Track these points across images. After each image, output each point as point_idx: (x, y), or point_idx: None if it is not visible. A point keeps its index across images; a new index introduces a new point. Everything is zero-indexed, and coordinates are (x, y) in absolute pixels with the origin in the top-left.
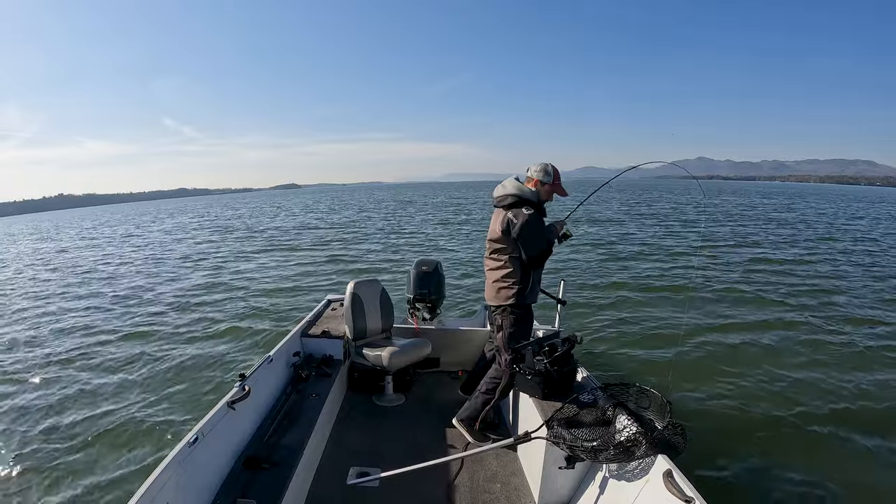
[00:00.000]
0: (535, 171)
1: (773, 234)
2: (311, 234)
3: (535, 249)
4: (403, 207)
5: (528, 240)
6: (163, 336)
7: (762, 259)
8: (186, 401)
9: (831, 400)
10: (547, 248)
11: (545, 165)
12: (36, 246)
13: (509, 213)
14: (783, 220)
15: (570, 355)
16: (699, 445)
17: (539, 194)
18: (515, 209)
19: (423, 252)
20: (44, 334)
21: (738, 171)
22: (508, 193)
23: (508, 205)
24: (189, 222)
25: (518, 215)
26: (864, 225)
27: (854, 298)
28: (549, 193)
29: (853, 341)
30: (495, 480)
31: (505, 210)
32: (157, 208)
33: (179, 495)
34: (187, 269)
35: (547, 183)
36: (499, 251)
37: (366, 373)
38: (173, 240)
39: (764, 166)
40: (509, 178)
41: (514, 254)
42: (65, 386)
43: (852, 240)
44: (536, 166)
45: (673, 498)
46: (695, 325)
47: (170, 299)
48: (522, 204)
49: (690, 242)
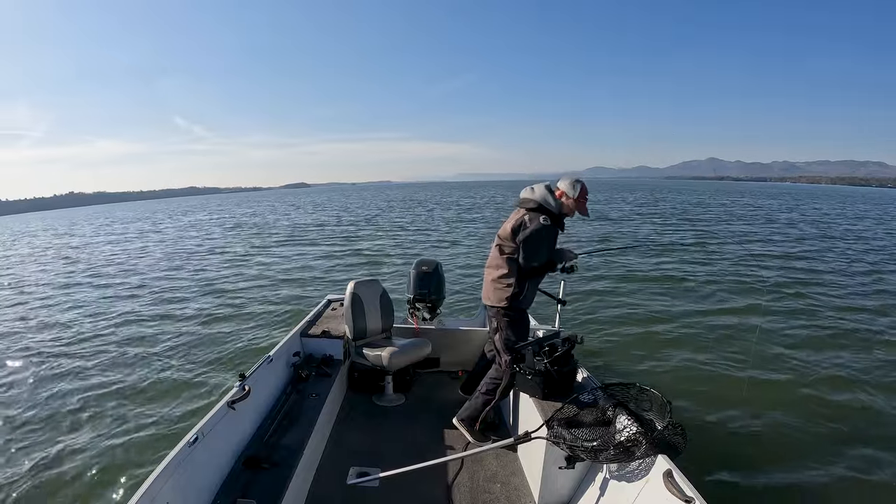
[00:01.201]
0: (564, 184)
1: (768, 230)
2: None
3: (533, 259)
4: (431, 207)
5: (531, 248)
6: (165, 335)
7: (766, 255)
8: (186, 401)
9: (832, 400)
10: (546, 263)
11: (574, 180)
12: (52, 242)
13: (526, 216)
14: (785, 220)
15: (570, 355)
16: (699, 445)
17: (562, 207)
18: (533, 214)
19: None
20: (44, 329)
21: (749, 172)
22: (533, 198)
23: (529, 208)
24: (223, 219)
25: (532, 220)
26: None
27: (849, 289)
28: (571, 209)
29: (854, 342)
30: (495, 480)
31: (525, 211)
32: (175, 206)
33: (179, 495)
34: (223, 266)
35: (571, 198)
36: (502, 250)
37: (366, 373)
38: (216, 236)
39: (774, 167)
40: (541, 183)
41: (514, 256)
42: (65, 384)
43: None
44: (567, 179)
45: (673, 498)
46: (695, 326)
47: (195, 296)
48: (542, 212)
49: (691, 239)
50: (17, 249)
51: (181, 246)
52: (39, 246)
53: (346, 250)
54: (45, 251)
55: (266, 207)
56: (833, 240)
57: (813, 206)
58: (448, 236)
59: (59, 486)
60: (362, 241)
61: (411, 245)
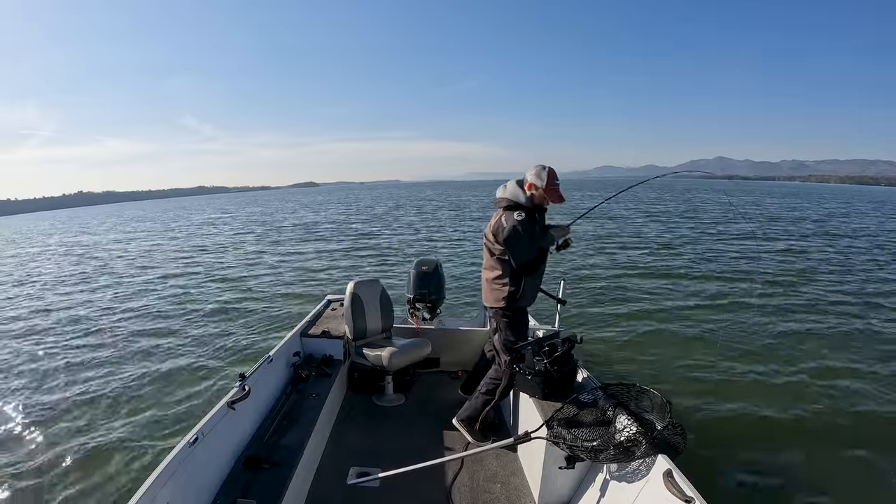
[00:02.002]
0: (530, 175)
1: (772, 229)
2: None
3: (521, 257)
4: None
5: (514, 247)
6: (168, 334)
7: (771, 256)
8: (186, 401)
9: (832, 400)
10: (535, 257)
11: (539, 169)
12: (65, 240)
13: (502, 217)
14: (785, 218)
15: (570, 355)
16: (699, 445)
17: (532, 199)
18: (507, 212)
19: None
20: (43, 329)
21: (758, 171)
22: (505, 196)
23: (504, 207)
24: (231, 218)
25: (508, 219)
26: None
27: (861, 297)
28: (541, 199)
29: (854, 341)
30: (495, 480)
31: (501, 211)
32: (185, 205)
33: (179, 495)
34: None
35: (540, 188)
36: (491, 251)
37: (366, 373)
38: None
39: (783, 166)
40: (512, 179)
41: (504, 256)
42: (65, 384)
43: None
44: (533, 169)
45: (673, 498)
46: (696, 326)
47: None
48: (516, 208)
49: (693, 239)
50: (25, 248)
51: (188, 244)
52: (52, 244)
53: (350, 248)
54: (57, 249)
55: (274, 207)
56: (838, 238)
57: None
58: (453, 234)
59: (59, 486)
60: (370, 238)
61: (417, 244)
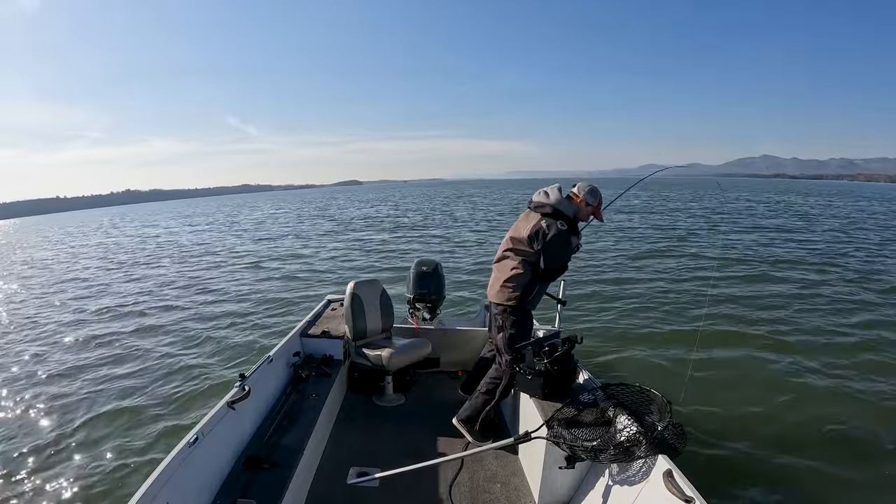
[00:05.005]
0: (583, 191)
1: (784, 235)
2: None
3: (555, 264)
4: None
5: (553, 254)
6: (171, 335)
7: (778, 260)
8: (186, 401)
9: (832, 400)
10: (565, 265)
11: (593, 188)
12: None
13: (543, 222)
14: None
15: (570, 355)
16: (699, 445)
17: (578, 213)
18: (550, 220)
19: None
20: (43, 327)
21: (805, 169)
22: (549, 203)
23: (545, 213)
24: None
25: (552, 227)
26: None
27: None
28: (587, 215)
29: (855, 341)
30: (495, 480)
31: (540, 216)
32: (237, 201)
33: (179, 495)
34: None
35: (591, 205)
36: (517, 252)
37: (366, 373)
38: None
39: (832, 164)
40: (553, 185)
41: (531, 259)
42: (64, 383)
43: None
44: (585, 186)
45: (673, 498)
46: (696, 326)
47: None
48: (559, 217)
49: (698, 240)
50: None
51: (207, 245)
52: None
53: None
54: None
55: (322, 203)
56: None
57: None
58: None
59: (59, 485)
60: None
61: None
